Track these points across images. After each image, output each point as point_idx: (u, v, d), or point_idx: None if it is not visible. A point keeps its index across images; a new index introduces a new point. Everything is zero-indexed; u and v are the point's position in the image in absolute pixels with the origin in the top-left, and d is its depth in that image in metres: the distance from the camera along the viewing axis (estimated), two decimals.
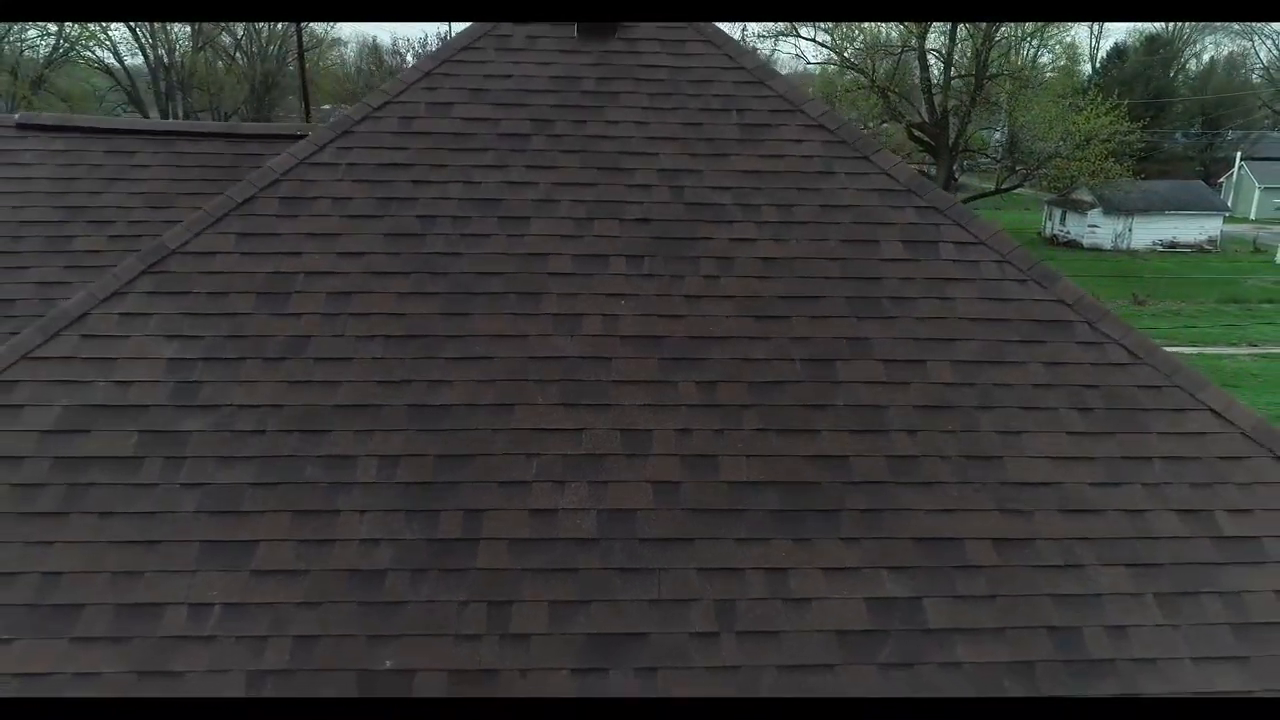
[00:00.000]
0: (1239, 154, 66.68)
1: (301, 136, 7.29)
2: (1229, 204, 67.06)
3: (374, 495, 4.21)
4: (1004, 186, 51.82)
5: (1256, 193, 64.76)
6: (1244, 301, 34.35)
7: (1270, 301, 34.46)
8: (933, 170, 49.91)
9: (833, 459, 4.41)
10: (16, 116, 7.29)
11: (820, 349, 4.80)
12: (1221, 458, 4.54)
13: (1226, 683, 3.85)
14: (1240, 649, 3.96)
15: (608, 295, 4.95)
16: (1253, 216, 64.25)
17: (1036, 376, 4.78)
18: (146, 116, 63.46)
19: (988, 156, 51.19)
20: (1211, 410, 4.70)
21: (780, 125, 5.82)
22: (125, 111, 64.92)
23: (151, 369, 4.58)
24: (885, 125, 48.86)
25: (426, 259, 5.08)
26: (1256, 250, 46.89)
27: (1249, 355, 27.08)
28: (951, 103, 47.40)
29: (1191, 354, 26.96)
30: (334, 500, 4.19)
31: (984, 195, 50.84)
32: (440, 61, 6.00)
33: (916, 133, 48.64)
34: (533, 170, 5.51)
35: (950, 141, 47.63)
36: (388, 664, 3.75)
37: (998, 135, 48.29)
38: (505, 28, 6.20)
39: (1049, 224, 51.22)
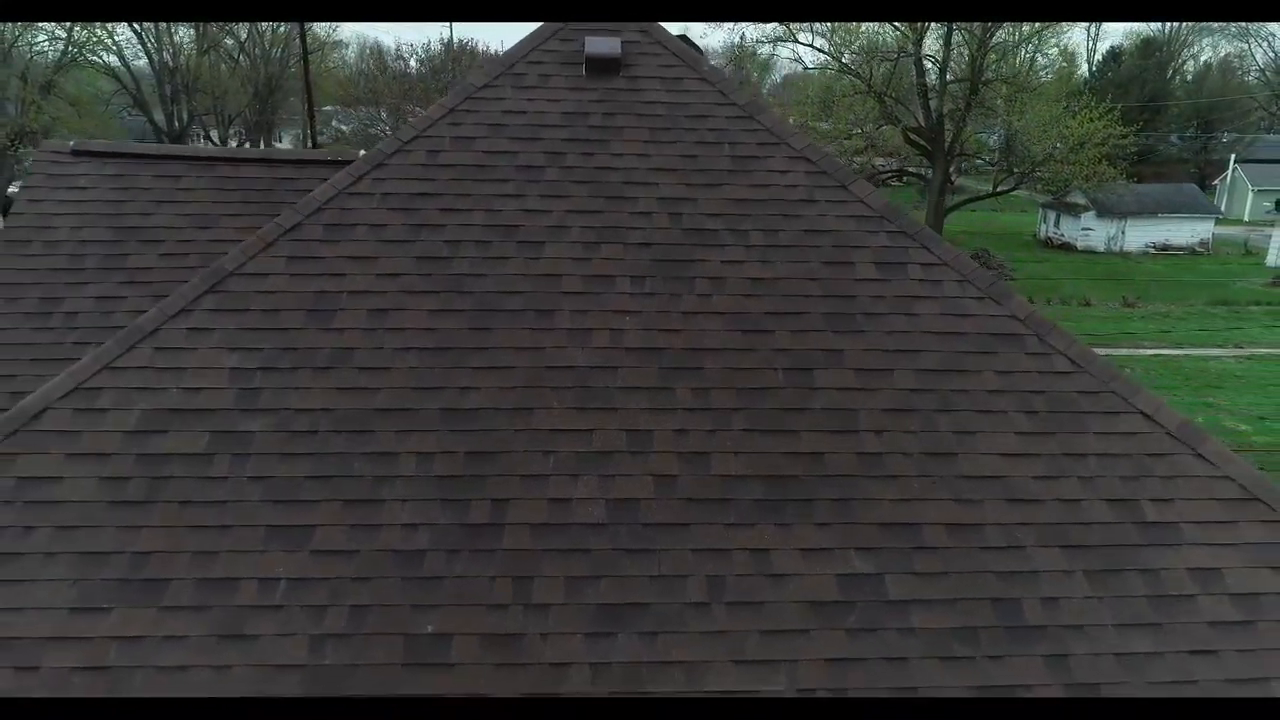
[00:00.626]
0: (1233, 157, 67.29)
1: (331, 162, 8.01)
2: (1223, 206, 67.80)
3: (413, 486, 4.89)
4: (1000, 189, 52.55)
5: (1250, 195, 65.38)
6: (1232, 304, 35.04)
7: (1258, 304, 35.17)
8: (929, 173, 50.63)
9: (809, 455, 5.08)
10: (71, 144, 7.96)
11: (800, 359, 5.47)
12: (1148, 454, 5.22)
13: (1140, 645, 4.53)
14: (1155, 617, 4.64)
15: (614, 312, 5.62)
16: (1246, 218, 64.88)
17: (989, 383, 5.45)
18: (152, 120, 64.20)
19: (984, 159, 51.82)
20: (1142, 413, 5.37)
21: (768, 157, 6.49)
22: (130, 114, 65.62)
23: (217, 377, 5.26)
24: (883, 128, 49.56)
25: (454, 279, 5.75)
26: (1248, 253, 47.58)
27: (1234, 357, 27.76)
28: (948, 106, 48.09)
29: (1179, 355, 27.70)
30: (379, 491, 4.87)
31: (980, 198, 51.56)
32: (462, 99, 6.68)
33: (913, 136, 49.33)
34: (547, 199, 6.19)
35: (946, 145, 48.31)
36: (429, 629, 4.43)
37: (994, 139, 48.89)
38: (520, 67, 6.88)
39: (1043, 226, 51.89)
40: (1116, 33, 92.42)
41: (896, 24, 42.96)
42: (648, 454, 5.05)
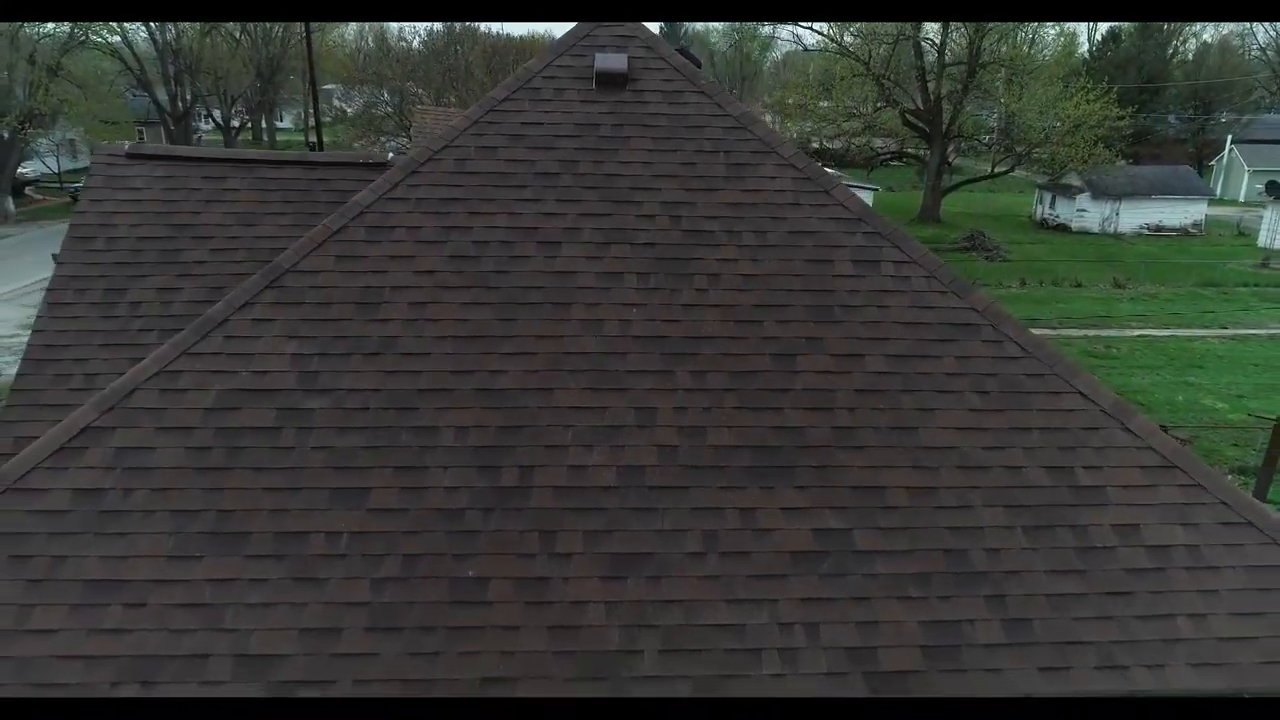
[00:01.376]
0: (1229, 138, 67.73)
1: (364, 164, 8.80)
2: (1219, 187, 68.43)
3: (452, 455, 5.73)
4: (998, 170, 53.18)
5: (1246, 175, 65.94)
6: (1220, 285, 35.79)
7: (1245, 285, 35.92)
8: (926, 155, 51.20)
9: (791, 429, 5.92)
10: (126, 146, 8.74)
11: (784, 346, 6.30)
12: (1084, 428, 6.06)
13: (1067, 587, 5.39)
14: (1080, 565, 5.49)
15: (622, 305, 6.44)
16: (1241, 199, 65.53)
17: (948, 367, 6.28)
18: (155, 100, 64.57)
19: (982, 140, 52.35)
20: (1080, 393, 6.21)
21: (759, 164, 7.29)
22: (135, 95, 65.97)
23: (279, 361, 6.09)
24: (881, 110, 50.09)
25: (482, 276, 6.57)
26: (1240, 234, 48.26)
27: (1218, 337, 28.56)
28: (946, 89, 48.60)
29: (1164, 336, 28.51)
30: (423, 459, 5.72)
31: (977, 179, 52.18)
32: (486, 111, 7.46)
33: (911, 118, 49.90)
34: (562, 203, 6.99)
35: (944, 127, 48.89)
36: (470, 573, 5.29)
37: (994, 118, 49.27)
38: (536, 82, 7.65)
39: (1039, 207, 52.53)
40: None
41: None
42: (652, 427, 5.89)
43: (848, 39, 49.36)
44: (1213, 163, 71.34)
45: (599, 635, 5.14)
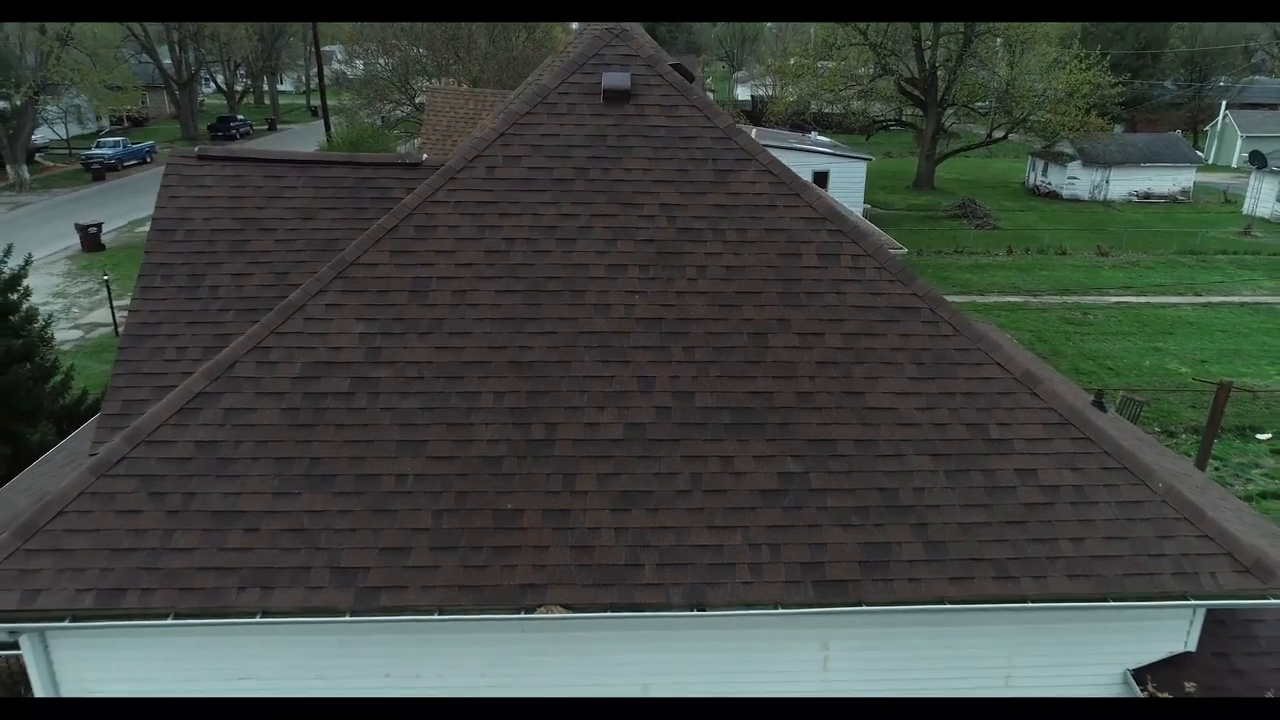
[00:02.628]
0: (1224, 103, 68.38)
1: (401, 164, 10.14)
2: (1211, 153, 69.25)
3: (492, 415, 7.20)
4: (994, 135, 53.97)
5: (1239, 141, 66.58)
6: (1200, 253, 37.01)
7: (1224, 253, 37.14)
8: (922, 123, 52.05)
9: (762, 393, 7.38)
10: (196, 149, 10.08)
11: (758, 326, 7.73)
12: (999, 393, 7.51)
13: (976, 518, 6.88)
14: (987, 500, 6.98)
15: (626, 292, 7.86)
16: (1234, 165, 66.34)
17: (892, 343, 7.72)
18: (160, 66, 65.15)
19: (980, 104, 52.99)
20: (998, 364, 7.65)
21: (741, 170, 8.66)
22: (140, 61, 66.50)
23: (350, 339, 7.53)
24: (878, 80, 50.84)
25: (511, 267, 7.98)
26: (1226, 201, 49.30)
27: (1191, 304, 29.90)
28: (942, 56, 49.34)
29: (1139, 303, 29.88)
30: (469, 418, 7.18)
31: (971, 147, 53.08)
32: (510, 124, 8.82)
33: (906, 86, 50.71)
34: (576, 205, 8.38)
35: (939, 96, 49.72)
36: (509, 506, 6.78)
37: (994, 79, 49.58)
38: (552, 98, 8.99)
39: (1032, 174, 53.49)
40: None
41: None
42: (651, 392, 7.35)
43: None
44: (1207, 128, 72.07)
45: (609, 553, 6.64)
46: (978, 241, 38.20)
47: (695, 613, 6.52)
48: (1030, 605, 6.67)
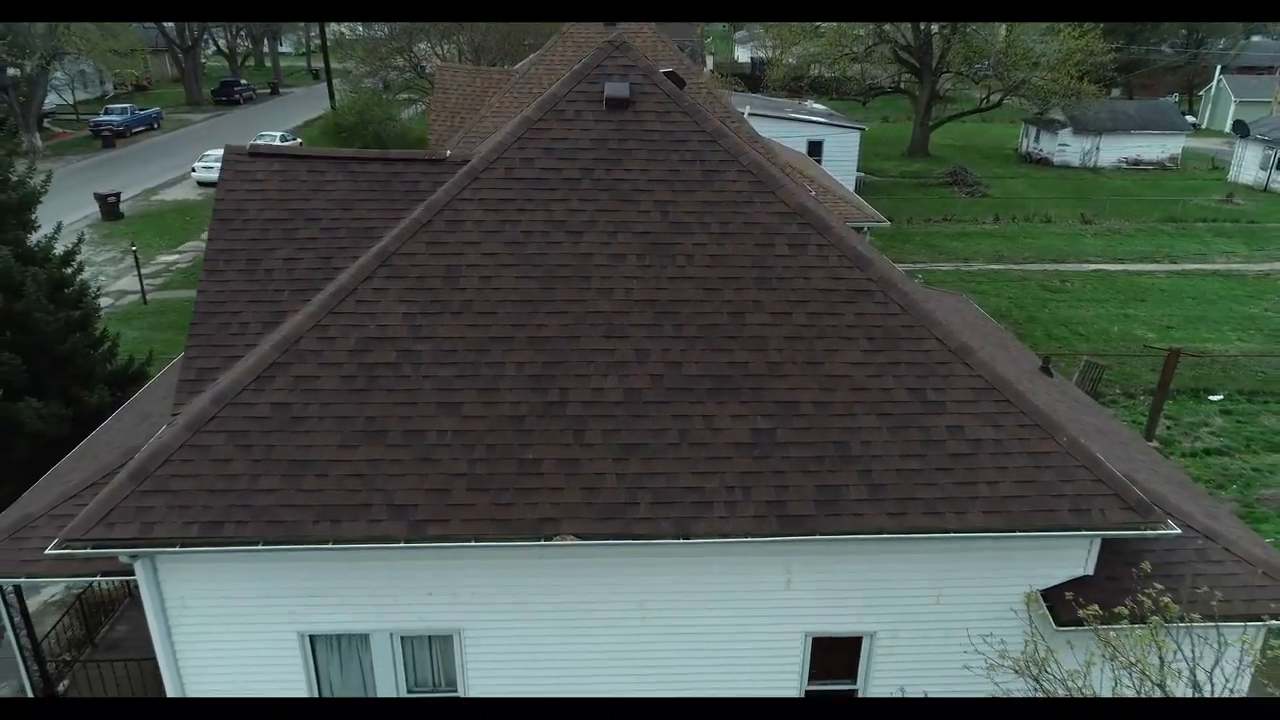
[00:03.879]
0: (1219, 68, 68.94)
1: (430, 160, 11.51)
2: (1205, 117, 70.03)
3: (515, 381, 8.69)
4: (989, 102, 54.81)
5: (1232, 106, 67.34)
6: (1181, 221, 38.28)
7: (1204, 220, 38.40)
8: (917, 89, 52.87)
9: (739, 364, 8.87)
10: (248, 146, 11.45)
11: (737, 307, 9.20)
12: (937, 363, 8.99)
13: (911, 465, 8.40)
14: (921, 451, 8.50)
15: (626, 278, 9.31)
16: (1227, 129, 67.17)
17: (849, 321, 9.18)
18: (163, 30, 65.60)
19: (973, 76, 53.76)
20: (937, 339, 9.12)
21: (724, 171, 10.06)
22: (144, 27, 66.89)
23: (394, 318, 9.00)
24: (874, 47, 51.57)
25: (528, 256, 9.42)
26: (1214, 168, 50.36)
27: (1165, 272, 31.28)
28: (936, 24, 50.05)
29: (1116, 270, 31.26)
30: (496, 384, 8.68)
31: (965, 114, 53.93)
32: (526, 129, 10.19)
33: (902, 54, 51.51)
34: (583, 202, 9.79)
35: (934, 63, 50.54)
36: (530, 455, 8.30)
37: (993, 42, 50.14)
38: (561, 105, 10.36)
39: (1025, 141, 54.47)
40: None
41: None
42: (647, 363, 8.84)
43: None
44: (1202, 93, 72.73)
45: (612, 493, 8.18)
46: (966, 209, 39.44)
47: (681, 541, 8.07)
48: (953, 535, 8.23)
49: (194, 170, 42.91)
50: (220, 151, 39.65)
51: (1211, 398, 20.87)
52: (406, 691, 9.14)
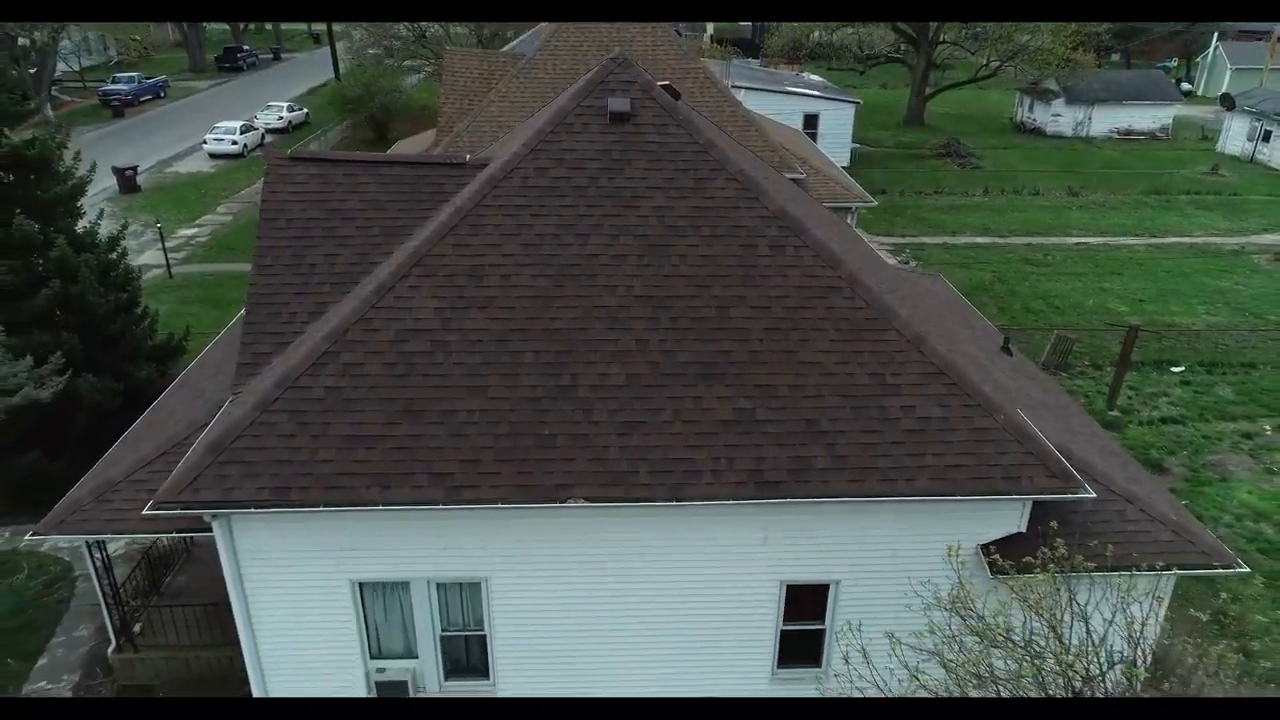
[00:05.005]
0: (1215, 35, 69.34)
1: (450, 164, 12.85)
2: (1201, 84, 70.62)
3: (532, 367, 10.15)
4: (988, 66, 55.48)
5: (1228, 74, 67.94)
6: (1165, 194, 39.42)
7: (1187, 193, 39.54)
8: (912, 58, 53.58)
9: (724, 352, 10.32)
10: (289, 152, 12.78)
11: (724, 302, 10.62)
12: (895, 351, 10.44)
13: (870, 440, 9.89)
14: (879, 428, 9.98)
15: (627, 275, 10.72)
16: (1217, 98, 67.92)
17: (821, 314, 10.61)
18: None
19: (968, 48, 54.43)
20: (896, 330, 10.56)
21: (714, 179, 11.42)
22: None
23: (427, 310, 10.43)
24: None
25: (543, 257, 10.82)
26: (1204, 137, 51.29)
27: (1144, 245, 32.56)
28: None
29: (1097, 244, 32.55)
30: (515, 369, 10.14)
31: (960, 84, 54.67)
32: (538, 141, 11.53)
33: (899, 24, 52.15)
34: (589, 207, 11.16)
35: (930, 34, 51.23)
36: (546, 431, 9.79)
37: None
38: (570, 119, 11.68)
39: (1020, 110, 55.29)
40: None
41: None
42: (645, 351, 10.29)
43: None
44: (1199, 59, 73.18)
45: (616, 463, 9.67)
46: (957, 182, 40.57)
47: (675, 504, 9.59)
48: (904, 499, 9.75)
49: (205, 142, 43.98)
50: (230, 123, 41.18)
51: (1173, 369, 22.33)
52: (440, 630, 10.73)
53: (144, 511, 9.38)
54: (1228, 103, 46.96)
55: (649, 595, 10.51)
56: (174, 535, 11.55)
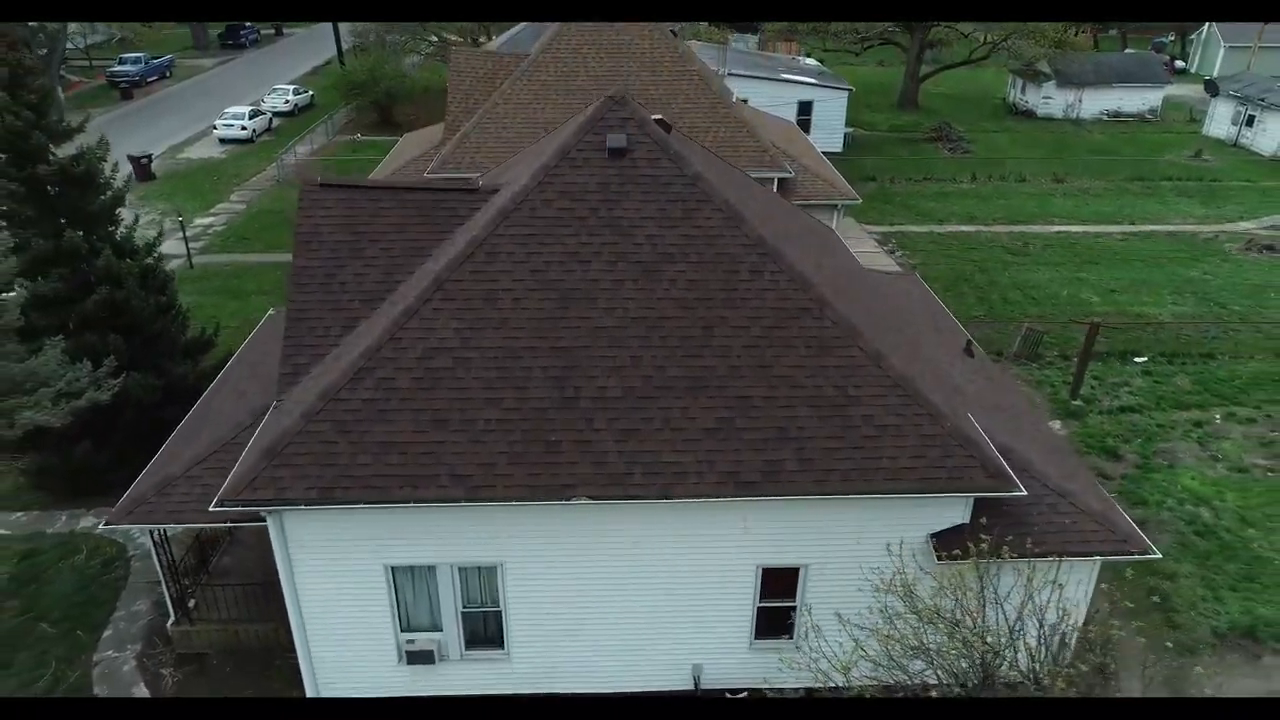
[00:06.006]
0: None
1: (468, 190, 14.27)
2: (1195, 62, 71.34)
3: (542, 379, 11.68)
4: (978, 52, 56.39)
5: (1221, 51, 68.70)
6: (1147, 180, 40.63)
7: (1169, 179, 40.76)
8: (906, 40, 54.43)
9: (709, 367, 11.83)
10: (318, 179, 14.20)
11: (709, 321, 12.11)
12: (856, 365, 11.94)
13: (833, 444, 11.43)
14: (842, 434, 11.52)
15: (624, 298, 12.21)
16: (1215, 73, 68.70)
17: (793, 333, 12.10)
18: None
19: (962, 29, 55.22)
20: (859, 347, 12.06)
21: (701, 209, 12.86)
22: None
23: (450, 332, 11.93)
24: None
25: (549, 281, 12.30)
26: (1191, 120, 52.31)
27: (1122, 234, 33.88)
28: None
29: (1078, 232, 33.89)
30: (527, 382, 11.66)
31: (952, 66, 55.54)
32: (545, 174, 12.95)
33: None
34: (591, 235, 12.62)
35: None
36: (553, 438, 11.33)
37: None
38: (573, 154, 13.10)
39: (1012, 91, 56.23)
40: None
41: None
42: (640, 366, 11.80)
43: None
44: (1194, 35, 73.79)
45: (615, 465, 11.23)
46: (946, 168, 41.77)
47: (665, 500, 11.16)
48: (862, 496, 11.32)
49: (215, 127, 45.12)
50: (238, 108, 42.31)
51: (1136, 359, 23.83)
52: (461, 607, 12.36)
53: (211, 508, 10.95)
54: (1212, 89, 47.96)
55: (643, 577, 12.12)
56: (223, 525, 13.08)
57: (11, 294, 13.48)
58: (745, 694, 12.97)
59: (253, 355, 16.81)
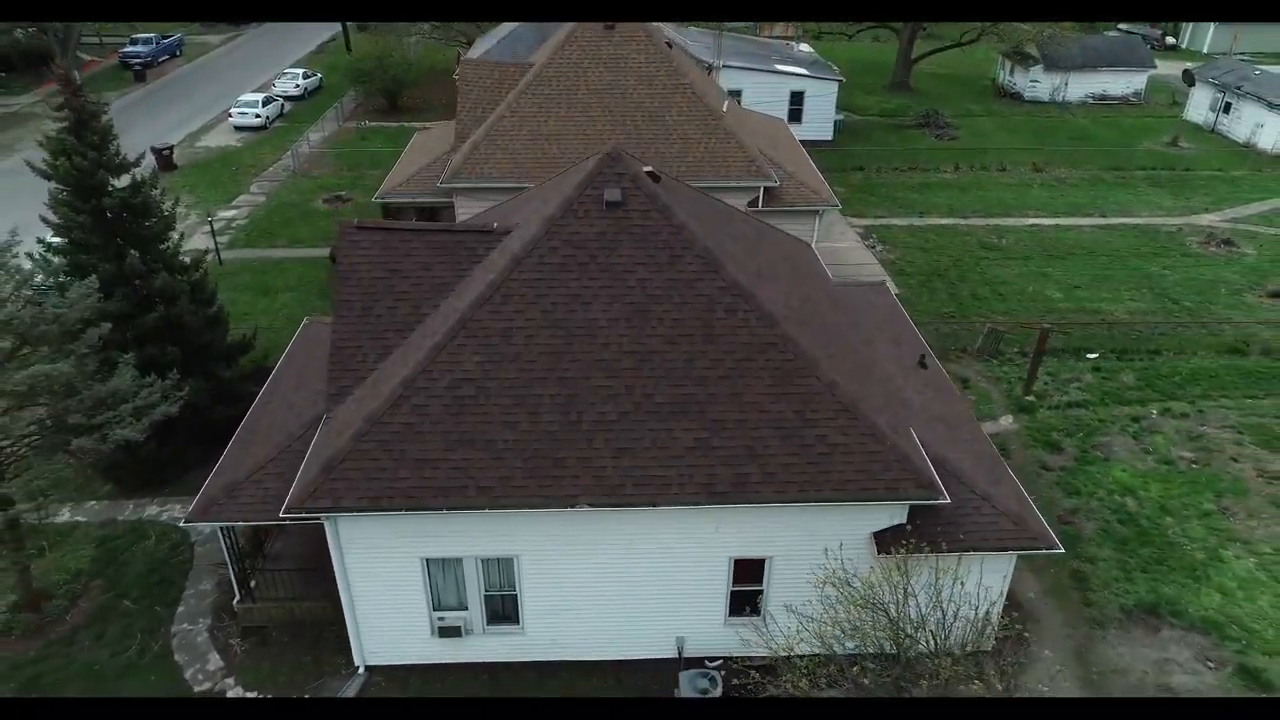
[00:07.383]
0: None
1: (484, 231, 16.51)
2: (1185, 38, 72.50)
3: (550, 406, 14.04)
4: (966, 39, 57.62)
5: (1211, 28, 69.87)
6: (1123, 169, 42.46)
7: (1144, 169, 42.60)
8: (899, 25, 55.74)
9: (693, 391, 14.18)
10: (355, 222, 16.40)
11: (692, 356, 14.43)
12: (814, 393, 14.27)
13: (792, 460, 13.83)
14: (799, 451, 13.90)
15: (619, 335, 14.52)
16: (1205, 50, 70.00)
17: (760, 364, 14.42)
18: None
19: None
20: (816, 377, 14.39)
21: (683, 255, 15.10)
22: None
23: (473, 362, 14.26)
24: None
25: (556, 320, 14.60)
26: (1174, 103, 53.88)
27: (1092, 226, 35.87)
28: None
29: (1048, 225, 35.91)
30: (537, 408, 14.03)
31: (944, 49, 56.92)
32: (551, 225, 15.17)
33: None
34: (592, 279, 14.88)
35: None
36: (560, 455, 13.73)
37: None
38: (575, 205, 15.31)
39: (1001, 73, 57.67)
40: None
41: None
42: (632, 394, 14.14)
43: None
44: None
45: (611, 478, 13.63)
46: (931, 156, 43.61)
47: (653, 507, 13.59)
48: (815, 503, 13.74)
49: (230, 115, 46.91)
50: (253, 96, 44.19)
51: (1089, 355, 26.10)
52: (484, 591, 14.87)
53: (280, 515, 13.40)
54: (1189, 79, 49.48)
55: (635, 568, 14.60)
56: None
57: (96, 328, 15.73)
58: (720, 661, 15.55)
59: (295, 366, 19.11)
